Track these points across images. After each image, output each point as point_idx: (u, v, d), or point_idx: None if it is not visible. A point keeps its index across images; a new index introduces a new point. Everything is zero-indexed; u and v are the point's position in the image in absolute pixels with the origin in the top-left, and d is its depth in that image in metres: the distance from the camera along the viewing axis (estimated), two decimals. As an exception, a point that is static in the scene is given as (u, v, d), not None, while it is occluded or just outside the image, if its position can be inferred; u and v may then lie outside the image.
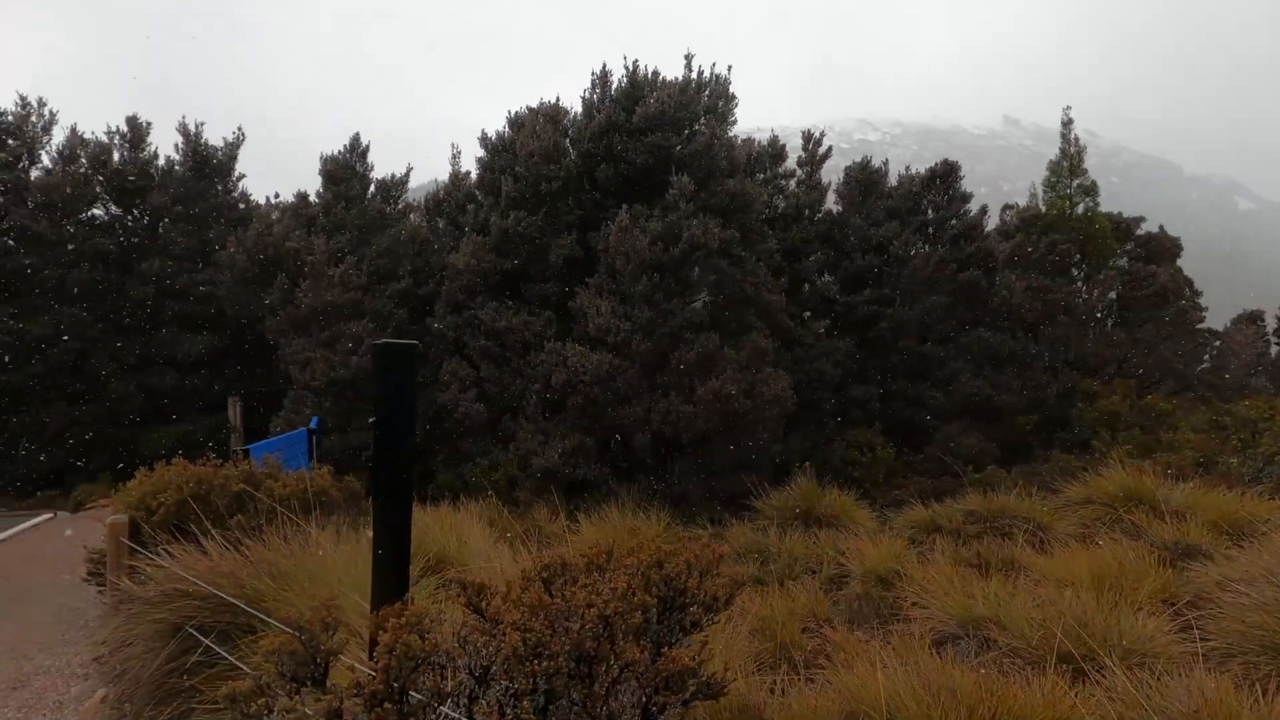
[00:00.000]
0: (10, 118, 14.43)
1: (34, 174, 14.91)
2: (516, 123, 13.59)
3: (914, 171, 17.94)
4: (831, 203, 17.77)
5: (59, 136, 14.98)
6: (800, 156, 17.72)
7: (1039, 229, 18.54)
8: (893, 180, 18.06)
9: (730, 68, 13.49)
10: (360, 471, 7.91)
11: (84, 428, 13.94)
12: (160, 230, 15.84)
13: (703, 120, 12.45)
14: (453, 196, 15.40)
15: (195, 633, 4.47)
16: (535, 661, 2.18)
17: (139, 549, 5.72)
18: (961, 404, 15.47)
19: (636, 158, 11.75)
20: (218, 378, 15.44)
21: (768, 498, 10.62)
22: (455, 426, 13.09)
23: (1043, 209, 19.65)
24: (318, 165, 15.64)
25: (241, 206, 16.66)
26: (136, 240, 15.52)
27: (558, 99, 14.37)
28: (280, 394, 16.26)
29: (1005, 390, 15.67)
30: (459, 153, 15.37)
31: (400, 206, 16.74)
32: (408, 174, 17.18)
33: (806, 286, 16.96)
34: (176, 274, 15.11)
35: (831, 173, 18.56)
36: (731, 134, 12.92)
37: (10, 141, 14.02)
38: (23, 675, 5.25)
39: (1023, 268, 17.60)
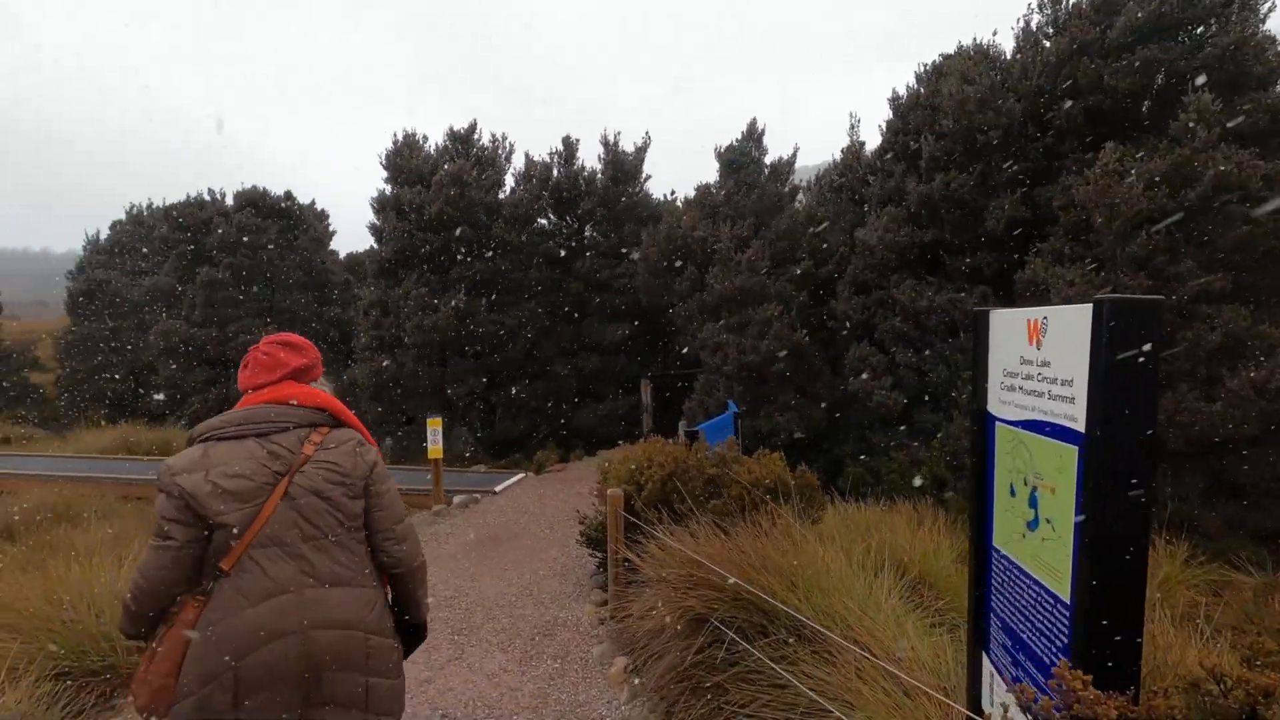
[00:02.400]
0: (487, 151, 17.95)
1: (500, 195, 18.29)
2: (935, 73, 11.91)
3: None
4: None
5: (517, 162, 18.21)
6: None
7: None
8: None
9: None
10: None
11: (537, 402, 16.66)
12: (586, 232, 18.18)
13: (1217, 16, 9.15)
14: (852, 170, 14.41)
15: (721, 626, 4.17)
16: None
17: (632, 518, 5.93)
18: None
19: (1118, 82, 9.12)
20: (632, 361, 17.12)
21: (1344, 540, 7.29)
22: (865, 416, 12.12)
23: None
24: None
25: (650, 204, 18.18)
26: (570, 243, 18.03)
27: (986, 37, 12.26)
28: (684, 377, 17.34)
29: None
30: (858, 120, 14.27)
31: (786, 189, 16.41)
32: (794, 155, 16.74)
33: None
34: (600, 270, 17.12)
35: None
36: (1264, 28, 9.25)
37: (489, 171, 17.42)
38: (546, 623, 5.73)
39: None
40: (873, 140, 15.15)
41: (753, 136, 15.54)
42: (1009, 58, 11.55)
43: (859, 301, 12.35)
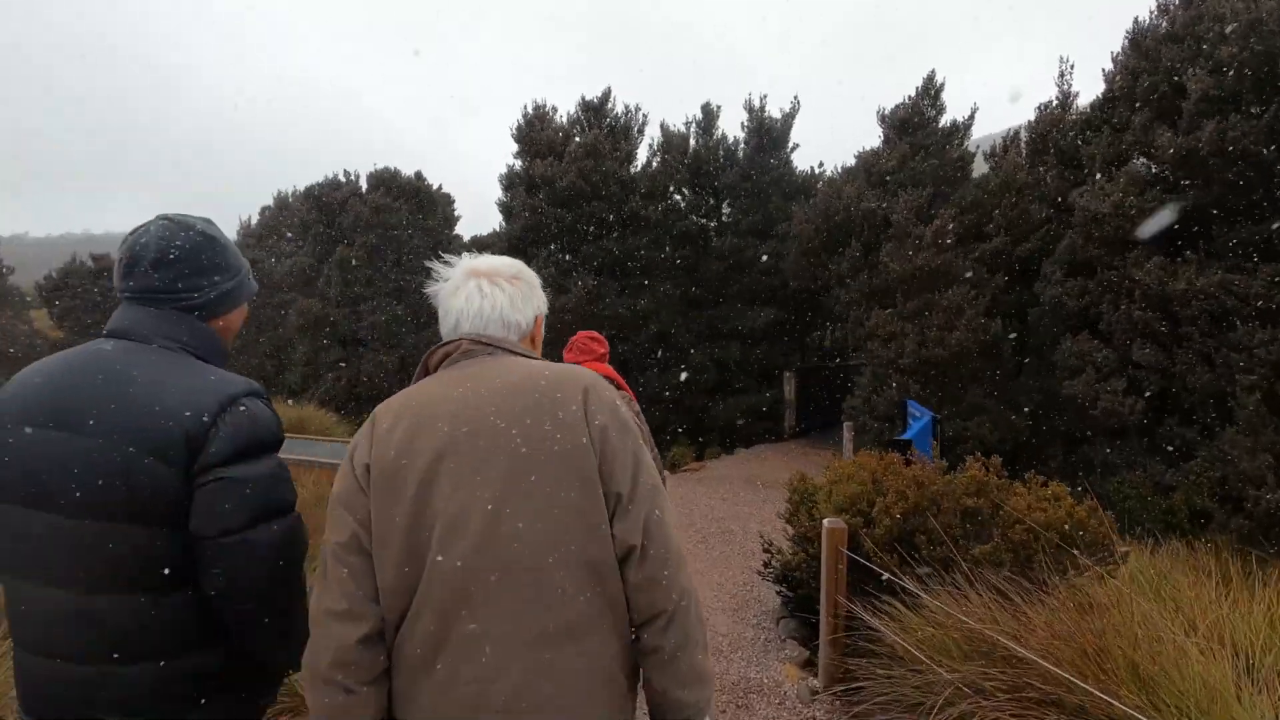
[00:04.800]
0: (620, 122, 16.74)
1: (633, 169, 16.99)
2: (1197, -6, 9.34)
3: None
4: None
5: (652, 134, 16.86)
6: None
7: None
8: None
9: None
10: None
11: (669, 392, 15.32)
12: (726, 208, 16.58)
13: None
14: (1059, 126, 11.90)
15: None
16: None
17: (858, 558, 4.36)
18: None
19: None
20: (776, 350, 15.40)
21: None
22: (1081, 425, 9.85)
23: None
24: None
25: (796, 178, 16.32)
26: (706, 219, 16.51)
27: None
28: (835, 370, 15.42)
29: None
30: (1070, 65, 11.73)
31: (962, 154, 14.05)
32: (972, 116, 14.33)
33: None
34: (742, 249, 15.48)
35: None
36: None
37: (622, 143, 16.19)
38: (734, 685, 4.28)
39: None
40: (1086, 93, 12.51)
41: (929, 93, 13.32)
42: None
43: (1076, 284, 10.02)
